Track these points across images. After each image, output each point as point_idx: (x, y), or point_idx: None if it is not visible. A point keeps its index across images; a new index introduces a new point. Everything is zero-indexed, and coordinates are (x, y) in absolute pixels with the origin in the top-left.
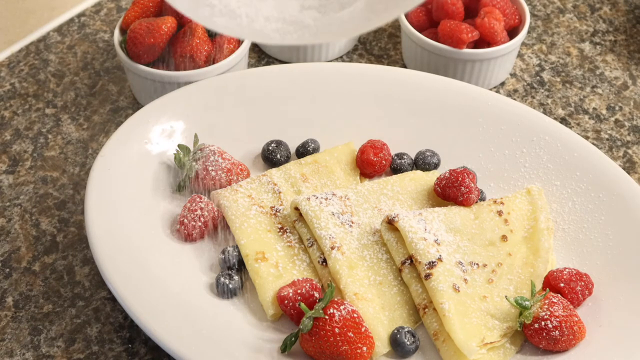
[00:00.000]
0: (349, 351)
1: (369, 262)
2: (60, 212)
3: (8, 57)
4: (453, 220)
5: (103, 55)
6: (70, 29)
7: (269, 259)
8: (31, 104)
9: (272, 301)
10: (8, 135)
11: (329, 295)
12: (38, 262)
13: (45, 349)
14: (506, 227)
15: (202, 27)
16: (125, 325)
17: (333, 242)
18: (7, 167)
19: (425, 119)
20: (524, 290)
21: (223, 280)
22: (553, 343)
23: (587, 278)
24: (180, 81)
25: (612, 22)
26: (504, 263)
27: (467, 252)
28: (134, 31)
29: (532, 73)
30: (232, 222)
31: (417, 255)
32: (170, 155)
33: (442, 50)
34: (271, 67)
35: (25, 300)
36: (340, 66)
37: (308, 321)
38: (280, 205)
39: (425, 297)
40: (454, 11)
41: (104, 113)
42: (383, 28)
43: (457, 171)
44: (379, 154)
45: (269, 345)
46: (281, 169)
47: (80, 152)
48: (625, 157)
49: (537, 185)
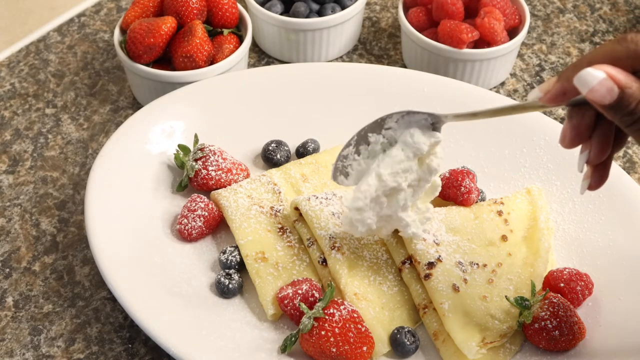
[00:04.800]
0: (349, 351)
1: (369, 262)
2: (60, 212)
3: (8, 57)
4: (453, 220)
5: (103, 55)
6: (70, 29)
7: (269, 259)
8: (31, 104)
9: (272, 301)
10: (8, 135)
11: (329, 295)
12: (38, 262)
13: (45, 349)
14: (506, 227)
15: (202, 27)
16: (125, 325)
17: (333, 242)
18: (7, 167)
19: None
20: (524, 290)
21: (223, 280)
22: (553, 343)
23: (587, 278)
24: (180, 81)
25: (612, 22)
26: (504, 263)
27: (467, 252)
28: (134, 31)
29: (532, 73)
30: (232, 222)
31: (416, 256)
32: (170, 155)
33: (442, 50)
34: (271, 67)
35: (25, 300)
36: (340, 66)
37: (308, 321)
38: (280, 205)
39: (425, 297)
40: (454, 11)
41: (104, 113)
42: (383, 28)
43: (457, 171)
44: None
45: (269, 345)
46: (281, 169)
47: (80, 152)
48: (625, 157)
49: (537, 185)
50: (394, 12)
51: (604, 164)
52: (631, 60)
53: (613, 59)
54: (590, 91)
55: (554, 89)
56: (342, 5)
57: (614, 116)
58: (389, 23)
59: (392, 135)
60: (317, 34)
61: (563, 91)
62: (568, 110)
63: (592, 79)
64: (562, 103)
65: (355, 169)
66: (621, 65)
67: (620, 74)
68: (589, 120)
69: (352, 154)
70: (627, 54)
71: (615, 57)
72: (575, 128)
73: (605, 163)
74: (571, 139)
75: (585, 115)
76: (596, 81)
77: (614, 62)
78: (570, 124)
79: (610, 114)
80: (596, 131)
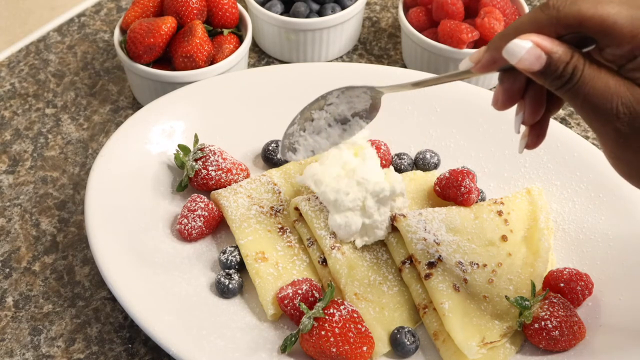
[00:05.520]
0: (349, 351)
1: (369, 262)
2: (60, 212)
3: (8, 57)
4: (453, 220)
5: (103, 55)
6: (70, 29)
7: (269, 259)
8: (31, 104)
9: (272, 301)
10: (8, 135)
11: (329, 295)
12: (38, 262)
13: (45, 349)
14: (506, 227)
15: (202, 27)
16: (125, 325)
17: (333, 242)
18: (7, 167)
19: (425, 119)
20: (524, 290)
21: (223, 280)
22: (553, 343)
23: (587, 278)
24: (180, 81)
25: None
26: (504, 263)
27: (467, 252)
28: (134, 31)
29: None
30: (232, 222)
31: (417, 256)
32: (170, 155)
33: (442, 50)
34: (271, 67)
35: (25, 300)
36: (340, 66)
37: (308, 321)
38: (280, 205)
39: (425, 297)
40: (454, 11)
41: (104, 113)
42: (383, 28)
43: (457, 171)
44: (379, 154)
45: (269, 345)
46: (281, 169)
47: (80, 152)
48: None
49: (537, 185)
50: (394, 12)
51: (540, 124)
52: (554, 26)
53: (538, 26)
54: (520, 61)
55: (484, 58)
56: (342, 5)
57: (544, 81)
58: (389, 23)
59: (335, 110)
60: (317, 34)
61: (493, 60)
62: (499, 74)
63: (520, 50)
64: (493, 70)
65: (303, 145)
66: (546, 31)
67: (545, 41)
68: (519, 84)
69: (297, 132)
70: (550, 21)
71: (540, 24)
72: (507, 91)
73: (541, 123)
74: (503, 102)
75: (515, 79)
76: (524, 51)
77: (538, 30)
78: (502, 87)
79: (540, 79)
80: (528, 93)
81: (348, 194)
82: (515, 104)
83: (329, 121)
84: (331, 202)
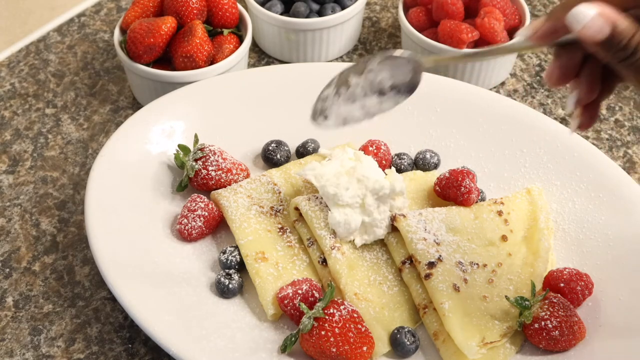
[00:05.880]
0: (349, 351)
1: (369, 262)
2: (60, 212)
3: (8, 57)
4: (453, 220)
5: (103, 55)
6: (70, 29)
7: (269, 259)
8: (31, 104)
9: (272, 301)
10: (8, 135)
11: (329, 295)
12: (38, 262)
13: (45, 349)
14: (506, 227)
15: (202, 27)
16: (125, 325)
17: (333, 242)
18: (7, 167)
19: (425, 119)
20: (524, 290)
21: (223, 280)
22: (553, 343)
23: (587, 278)
24: (180, 81)
25: None
26: (504, 263)
27: (467, 252)
28: (134, 31)
29: (532, 73)
30: (232, 222)
31: (417, 256)
32: (170, 155)
33: (442, 50)
34: (271, 67)
35: (25, 300)
36: (340, 66)
37: (308, 321)
38: (280, 205)
39: (425, 297)
40: (454, 11)
41: (104, 113)
42: (383, 28)
43: (457, 171)
44: (379, 154)
45: (269, 345)
46: (281, 169)
47: (80, 152)
48: (625, 157)
49: (537, 185)
50: (394, 12)
51: (593, 104)
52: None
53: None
54: (584, 28)
55: (543, 27)
56: (342, 5)
57: (607, 53)
58: (389, 23)
59: (374, 78)
60: (317, 34)
61: (553, 29)
62: (555, 49)
63: (585, 16)
64: (550, 42)
65: (335, 112)
66: (612, 3)
67: (611, 11)
68: (576, 60)
69: (332, 96)
70: None
71: None
72: (563, 67)
73: (594, 104)
74: (558, 77)
75: (573, 55)
76: (588, 18)
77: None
78: (558, 62)
79: (603, 51)
80: (584, 70)
81: (348, 189)
82: (569, 81)
83: (366, 90)
84: (330, 196)
